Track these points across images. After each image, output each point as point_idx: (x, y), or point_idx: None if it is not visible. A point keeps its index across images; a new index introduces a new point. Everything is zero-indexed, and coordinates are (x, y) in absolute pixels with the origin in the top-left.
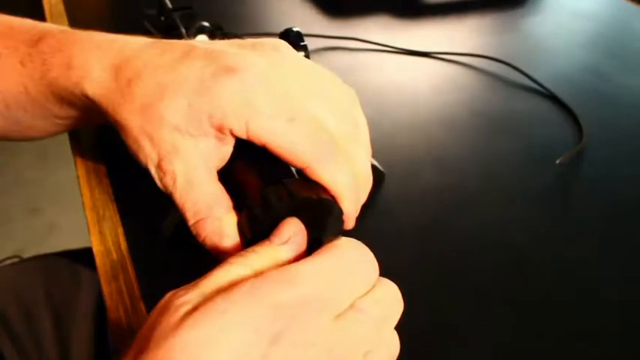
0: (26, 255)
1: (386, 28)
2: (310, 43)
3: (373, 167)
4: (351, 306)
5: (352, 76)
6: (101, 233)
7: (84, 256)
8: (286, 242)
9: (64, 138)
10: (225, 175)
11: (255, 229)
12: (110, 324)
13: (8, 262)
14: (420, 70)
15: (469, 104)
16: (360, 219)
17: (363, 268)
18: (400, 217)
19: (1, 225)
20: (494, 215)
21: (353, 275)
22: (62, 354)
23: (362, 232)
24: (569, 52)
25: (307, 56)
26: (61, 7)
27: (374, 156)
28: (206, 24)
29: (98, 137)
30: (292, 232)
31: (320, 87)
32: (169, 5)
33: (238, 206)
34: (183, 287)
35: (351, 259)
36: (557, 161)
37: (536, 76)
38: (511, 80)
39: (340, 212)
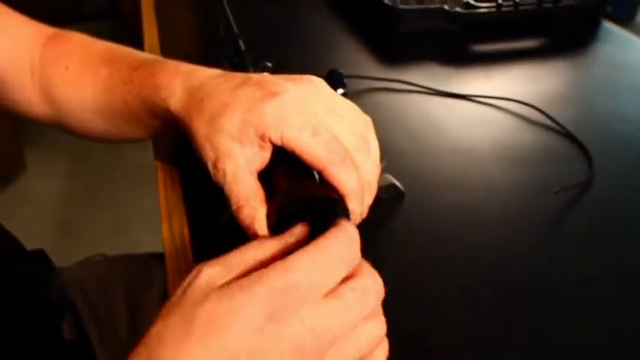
0: None
1: (432, 72)
2: (359, 83)
3: (394, 186)
4: (332, 291)
5: (391, 112)
6: (170, 225)
7: (156, 258)
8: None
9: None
10: (264, 176)
11: (279, 217)
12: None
13: (96, 258)
14: (454, 110)
15: (492, 140)
16: (381, 229)
17: (344, 257)
18: (418, 230)
19: (90, 237)
20: (499, 232)
21: (334, 263)
22: (133, 337)
23: (385, 239)
24: (600, 99)
25: (346, 93)
26: (157, 47)
27: (397, 177)
28: (269, 64)
29: (175, 152)
30: (298, 231)
31: (339, 110)
32: (243, 47)
33: (270, 200)
34: (213, 261)
35: (333, 250)
36: (554, 190)
37: (562, 119)
38: (536, 121)
39: (346, 209)
